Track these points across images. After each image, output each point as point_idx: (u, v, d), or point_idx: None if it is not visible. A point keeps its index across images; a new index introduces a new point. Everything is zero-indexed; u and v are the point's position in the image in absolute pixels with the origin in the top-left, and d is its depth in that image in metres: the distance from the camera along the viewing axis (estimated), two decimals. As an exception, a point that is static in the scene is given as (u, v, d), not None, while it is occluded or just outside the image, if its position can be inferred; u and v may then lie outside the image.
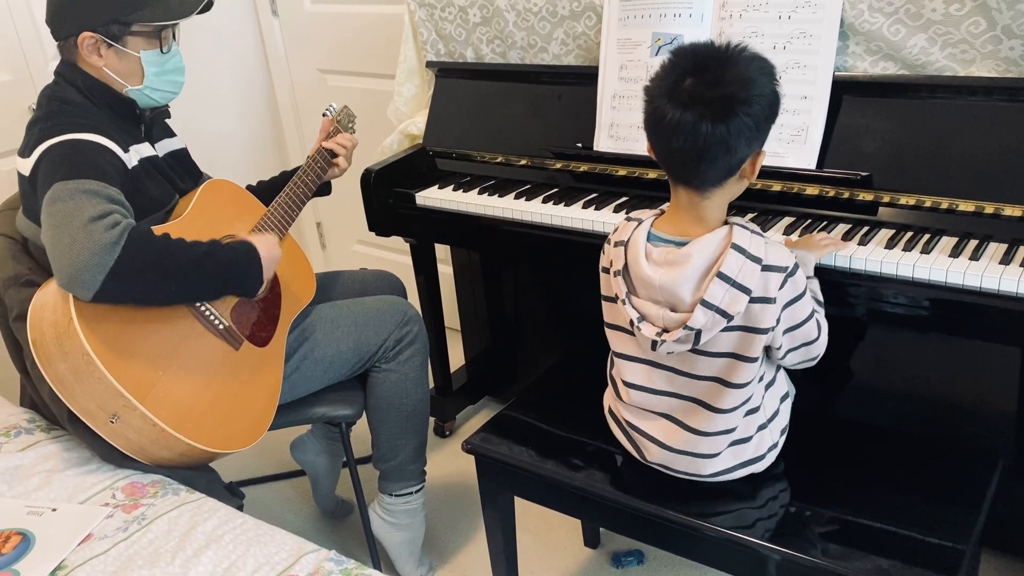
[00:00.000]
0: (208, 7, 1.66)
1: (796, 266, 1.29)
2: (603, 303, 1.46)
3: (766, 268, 1.26)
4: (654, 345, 1.33)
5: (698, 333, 1.29)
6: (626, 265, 1.35)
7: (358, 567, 1.28)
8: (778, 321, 1.29)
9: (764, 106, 1.22)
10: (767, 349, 1.35)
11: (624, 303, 1.35)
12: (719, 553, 1.39)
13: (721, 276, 1.25)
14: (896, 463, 1.45)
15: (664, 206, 1.37)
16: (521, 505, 1.67)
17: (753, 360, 1.31)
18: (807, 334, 1.34)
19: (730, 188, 1.29)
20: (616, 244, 1.38)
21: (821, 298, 1.42)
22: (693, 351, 1.34)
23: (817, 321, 1.35)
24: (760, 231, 1.30)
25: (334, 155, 1.93)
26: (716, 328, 1.28)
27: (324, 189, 1.99)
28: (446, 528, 2.16)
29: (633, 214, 1.40)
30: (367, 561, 1.96)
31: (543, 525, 2.11)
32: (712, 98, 1.19)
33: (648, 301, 1.33)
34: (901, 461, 1.46)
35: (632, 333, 1.40)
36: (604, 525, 1.74)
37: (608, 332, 1.47)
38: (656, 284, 1.30)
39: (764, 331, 1.29)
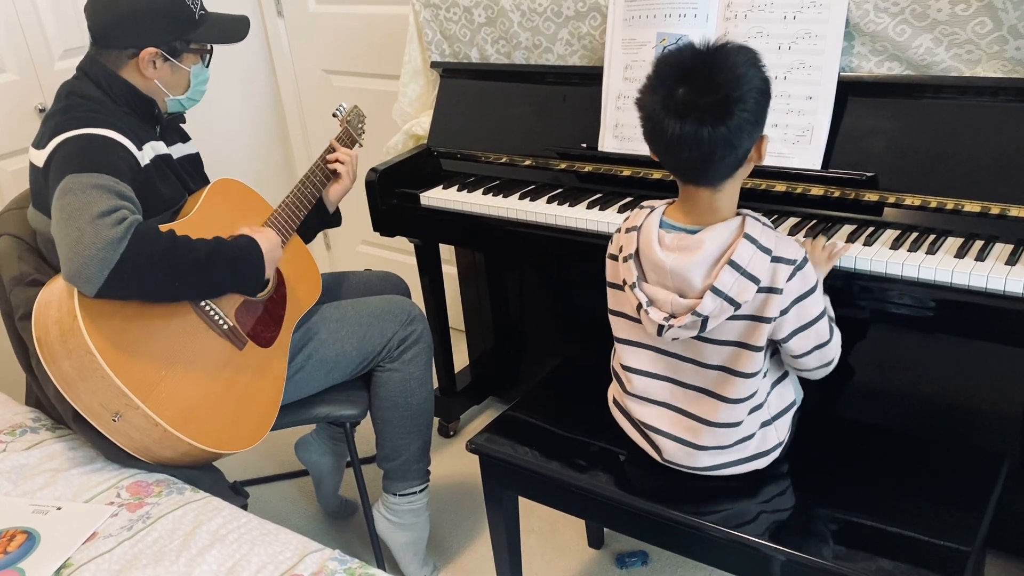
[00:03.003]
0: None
1: (805, 259, 1.30)
2: (608, 289, 1.47)
3: (775, 259, 1.28)
4: (660, 330, 1.34)
5: (705, 320, 1.30)
6: (638, 250, 1.36)
7: (362, 567, 1.28)
8: (783, 313, 1.30)
9: (758, 97, 1.23)
10: (778, 347, 1.36)
11: (633, 288, 1.37)
12: (723, 553, 1.38)
13: (732, 264, 1.27)
14: (901, 464, 1.45)
15: (676, 198, 1.38)
16: (525, 505, 1.67)
17: (759, 349, 1.33)
18: (820, 334, 1.34)
19: (740, 175, 1.31)
20: (628, 230, 1.39)
21: (832, 313, 1.42)
22: (699, 338, 1.35)
23: (830, 325, 1.36)
24: (771, 224, 1.32)
25: (336, 172, 1.92)
26: (723, 316, 1.29)
27: (334, 220, 1.99)
28: (450, 528, 2.16)
29: (645, 202, 1.41)
30: (371, 561, 1.96)
31: (547, 525, 2.11)
32: (708, 104, 1.20)
33: (658, 286, 1.35)
34: (906, 462, 1.45)
35: (637, 320, 1.40)
36: (608, 525, 1.74)
37: (612, 319, 1.48)
38: (667, 268, 1.31)
39: (768, 320, 1.30)
